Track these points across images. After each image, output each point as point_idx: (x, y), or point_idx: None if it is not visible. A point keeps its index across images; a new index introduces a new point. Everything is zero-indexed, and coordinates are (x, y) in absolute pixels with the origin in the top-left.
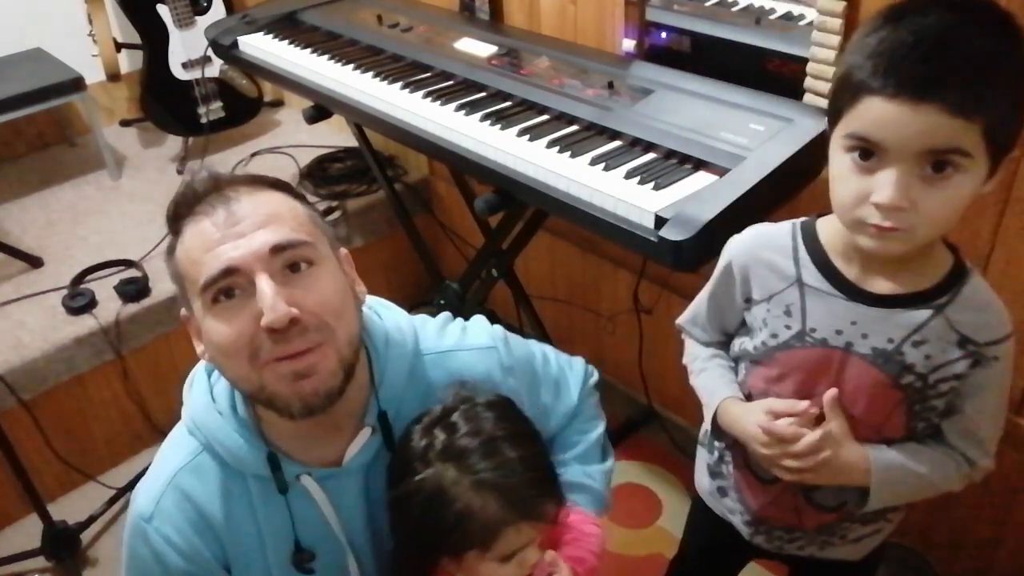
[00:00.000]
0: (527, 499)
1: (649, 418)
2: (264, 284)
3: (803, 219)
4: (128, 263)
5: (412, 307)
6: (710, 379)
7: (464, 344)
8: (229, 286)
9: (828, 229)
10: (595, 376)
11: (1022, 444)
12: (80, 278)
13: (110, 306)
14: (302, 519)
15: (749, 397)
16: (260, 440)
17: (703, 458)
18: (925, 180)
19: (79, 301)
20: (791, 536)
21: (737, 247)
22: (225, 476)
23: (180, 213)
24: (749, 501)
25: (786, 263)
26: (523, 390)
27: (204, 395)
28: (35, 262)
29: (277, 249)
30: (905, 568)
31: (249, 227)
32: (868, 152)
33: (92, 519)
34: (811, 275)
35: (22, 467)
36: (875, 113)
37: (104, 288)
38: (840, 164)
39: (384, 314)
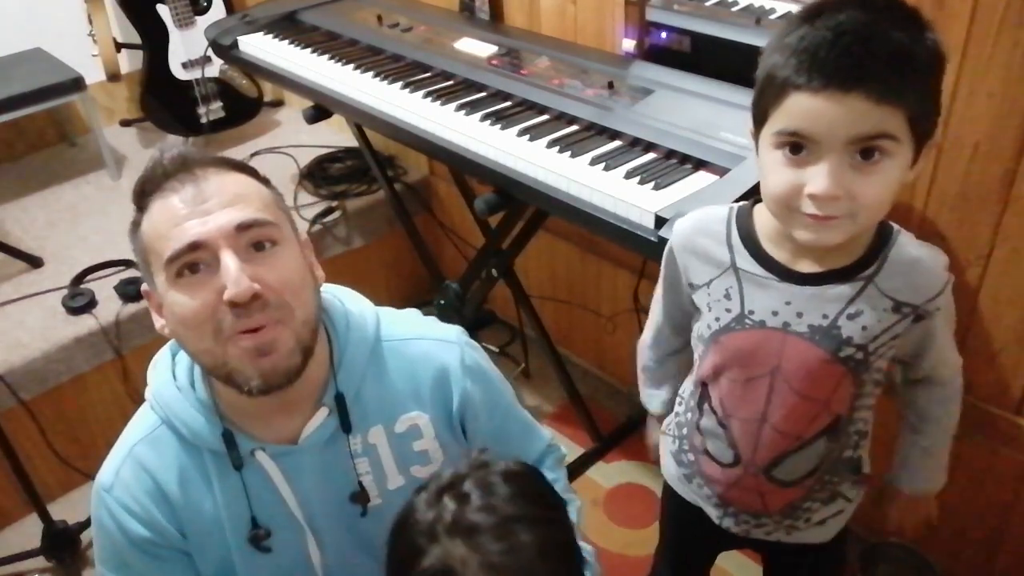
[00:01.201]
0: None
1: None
2: (228, 259)
3: (740, 204)
4: (128, 263)
5: (412, 307)
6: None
7: (426, 333)
8: (194, 261)
9: (763, 216)
10: (563, 451)
11: (1022, 444)
12: (80, 278)
13: (110, 306)
14: (258, 496)
15: (703, 385)
16: (216, 416)
17: (667, 446)
18: (856, 168)
19: (79, 301)
20: (758, 521)
21: (677, 234)
22: (182, 451)
23: (147, 189)
24: (714, 485)
25: (720, 249)
26: (479, 398)
27: (166, 372)
28: (35, 262)
29: (243, 227)
30: (905, 568)
31: (216, 205)
32: (798, 146)
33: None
34: (744, 260)
35: (22, 467)
36: (803, 108)
37: (104, 288)
38: (771, 160)
39: (346, 300)
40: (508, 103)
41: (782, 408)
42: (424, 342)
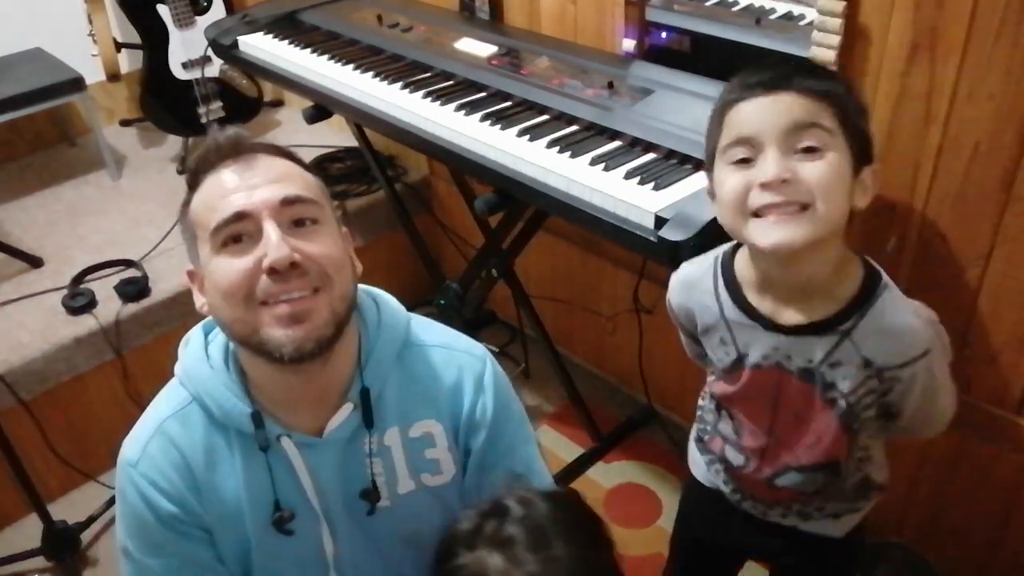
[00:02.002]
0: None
1: (649, 418)
2: (270, 229)
3: (723, 252)
4: (128, 263)
5: (412, 307)
6: None
7: (455, 344)
8: (238, 232)
9: (744, 264)
10: None
11: (1022, 444)
12: (80, 278)
13: (110, 306)
14: (280, 481)
15: (715, 399)
16: (248, 398)
17: (695, 432)
18: (799, 159)
19: (79, 301)
20: (772, 506)
21: (672, 292)
22: (210, 429)
23: (201, 167)
24: (732, 474)
25: (711, 302)
26: (488, 416)
27: (199, 350)
28: (35, 262)
29: (287, 202)
30: (905, 568)
31: (262, 181)
32: (746, 160)
33: (92, 519)
34: (731, 311)
35: (22, 467)
36: (742, 115)
37: (104, 288)
38: (723, 176)
39: (380, 300)
40: (508, 103)
41: (784, 432)
42: (452, 352)
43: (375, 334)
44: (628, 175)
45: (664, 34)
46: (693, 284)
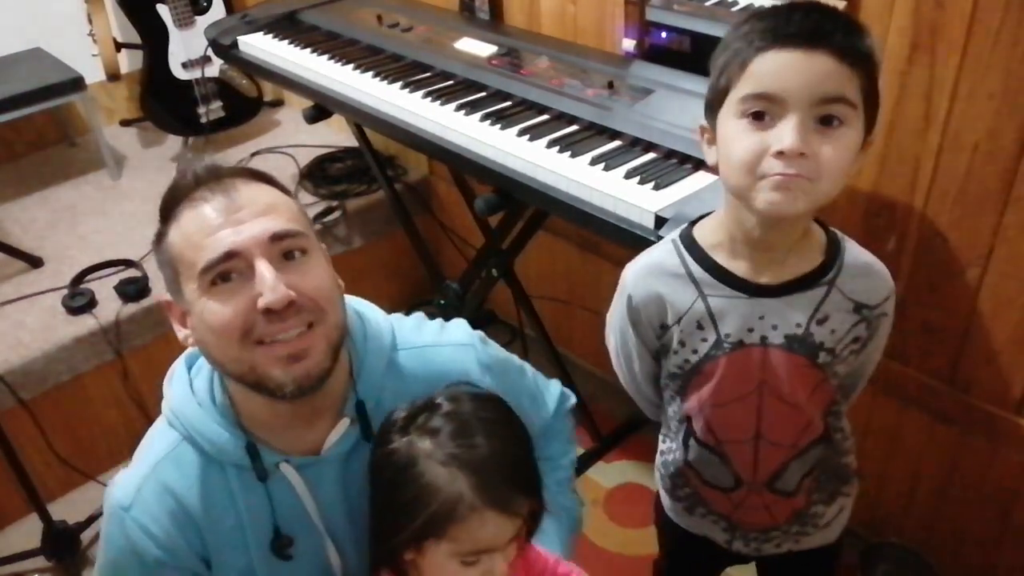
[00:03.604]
0: (498, 485)
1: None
2: (263, 268)
3: (679, 233)
4: (128, 263)
5: (412, 307)
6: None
7: (441, 340)
8: (228, 270)
9: (707, 234)
10: (572, 400)
11: (1022, 444)
12: (80, 278)
13: (110, 306)
14: (281, 506)
15: (687, 420)
16: (239, 430)
17: (661, 483)
18: (818, 132)
19: (79, 301)
20: (767, 536)
21: (634, 287)
22: (205, 465)
23: (177, 199)
24: (718, 511)
25: (683, 283)
26: (500, 389)
27: (184, 387)
28: (35, 262)
29: (276, 237)
30: (905, 568)
31: (249, 215)
32: (760, 114)
33: (92, 519)
34: (709, 286)
35: (22, 467)
36: (770, 65)
37: (104, 288)
38: (733, 130)
39: (362, 311)
40: (508, 103)
41: (775, 421)
42: (441, 349)
43: (363, 346)
44: (628, 175)
45: (664, 34)
46: (658, 269)
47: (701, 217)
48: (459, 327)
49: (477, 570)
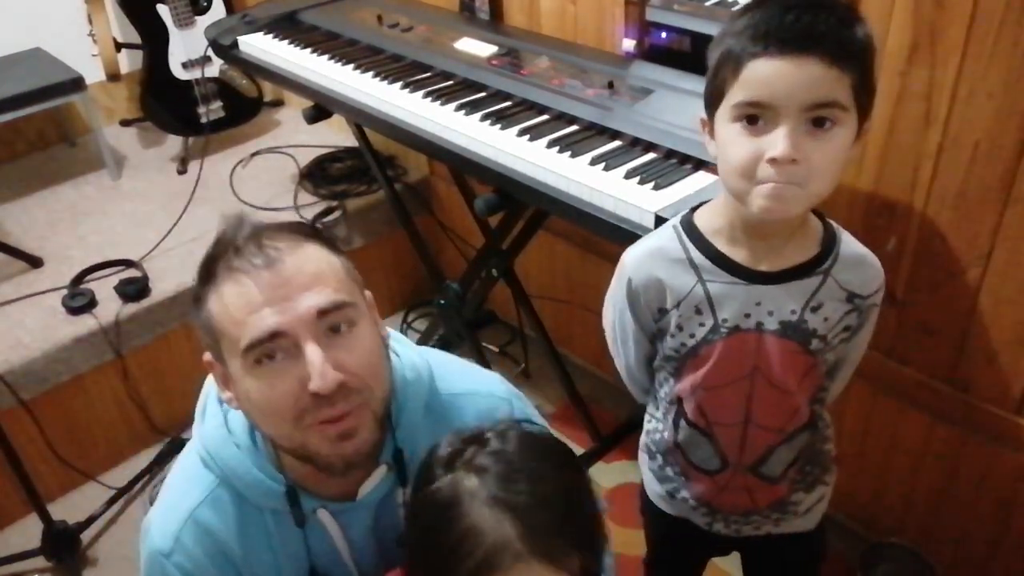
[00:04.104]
0: (548, 534)
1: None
2: (312, 351)
3: (680, 219)
4: (128, 263)
5: (412, 307)
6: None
7: (478, 389)
8: (273, 349)
9: (707, 220)
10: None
11: (1022, 444)
12: (80, 278)
13: (110, 306)
14: (316, 547)
15: (678, 401)
16: (279, 475)
17: (646, 464)
18: (810, 135)
19: (79, 301)
20: (747, 519)
21: (634, 270)
22: (242, 508)
23: (216, 264)
24: (701, 494)
25: (684, 268)
26: None
27: (220, 427)
28: (35, 262)
29: (323, 313)
30: (905, 568)
31: (295, 290)
32: (754, 118)
33: (92, 519)
34: (709, 271)
35: (22, 467)
36: (761, 74)
37: (104, 288)
38: (729, 134)
39: (401, 352)
40: (508, 103)
41: (764, 406)
42: (477, 399)
43: (402, 392)
44: (628, 175)
45: (664, 34)
46: (658, 253)
47: (701, 204)
48: (494, 377)
49: None
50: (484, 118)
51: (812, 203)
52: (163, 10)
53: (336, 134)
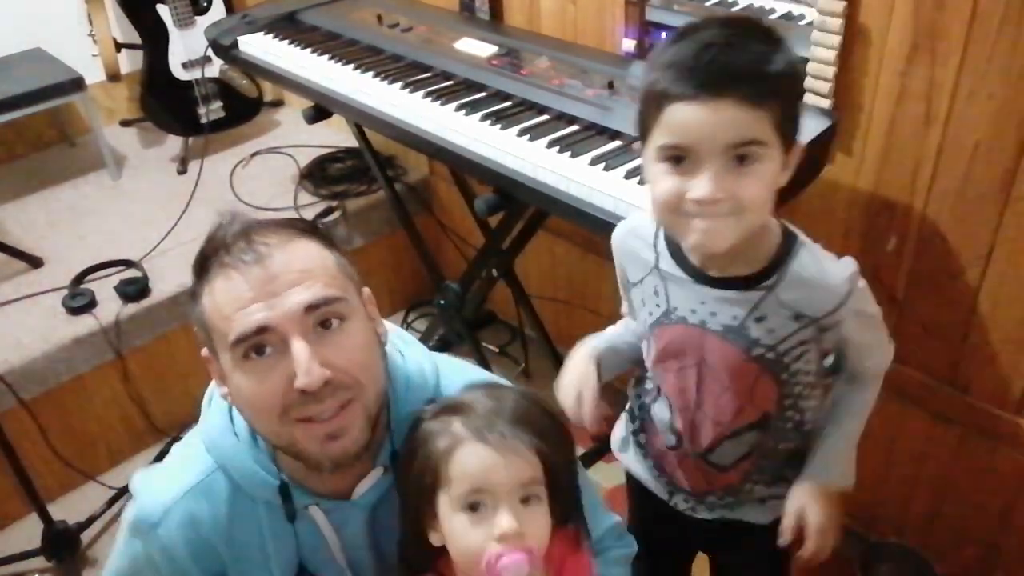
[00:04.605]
0: (494, 423)
1: None
2: (299, 347)
3: None
4: (128, 263)
5: (412, 307)
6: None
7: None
8: (261, 343)
9: None
10: (632, 546)
11: (1022, 444)
12: (80, 278)
13: (110, 306)
14: (306, 544)
15: (649, 372)
16: (274, 469)
17: (625, 426)
18: (733, 172)
19: (79, 301)
20: (702, 500)
21: (615, 237)
22: (235, 497)
23: (208, 260)
24: (664, 464)
25: (647, 251)
26: None
27: (223, 416)
28: (35, 262)
29: (311, 308)
30: (905, 568)
31: (282, 285)
32: (679, 158)
33: (92, 519)
34: (666, 261)
35: (22, 467)
36: (680, 118)
37: (104, 288)
38: (656, 171)
39: (407, 353)
40: (508, 103)
41: (710, 397)
42: None
43: (404, 394)
44: (628, 175)
45: (664, 34)
46: (635, 231)
47: None
48: (496, 380)
49: (484, 522)
50: (484, 118)
51: (747, 231)
52: (163, 10)
53: (336, 134)
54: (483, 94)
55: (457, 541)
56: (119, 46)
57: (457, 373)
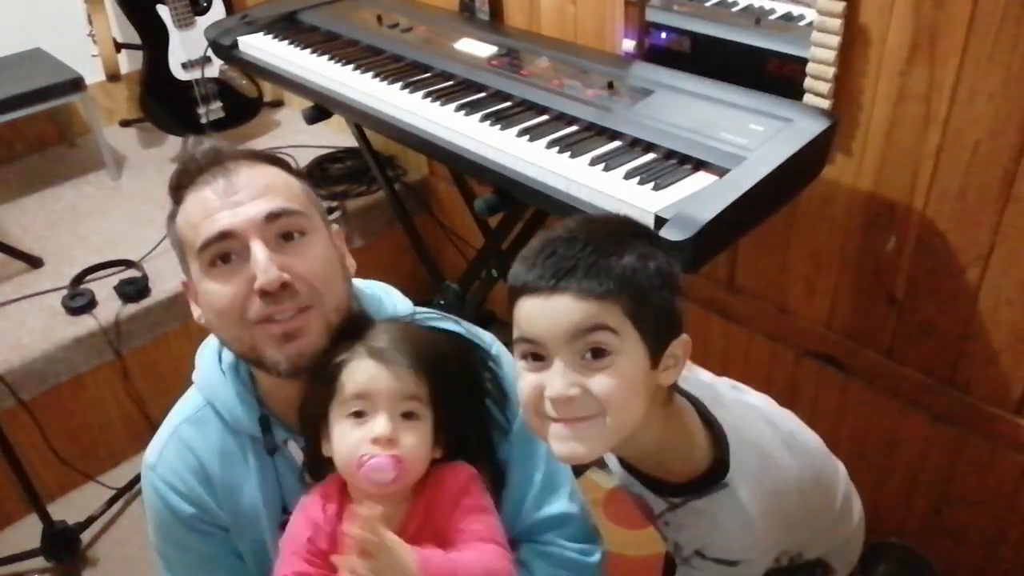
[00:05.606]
0: (382, 342)
1: None
2: (258, 249)
3: None
4: (128, 263)
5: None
6: None
7: (460, 331)
8: (225, 250)
9: None
10: (596, 554)
11: (1022, 444)
12: (80, 278)
13: (110, 306)
14: (288, 484)
15: None
16: (255, 402)
17: None
18: (587, 367)
19: (79, 301)
20: None
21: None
22: (225, 432)
23: (182, 182)
24: None
25: None
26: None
27: (213, 354)
28: (35, 262)
29: (272, 217)
30: (905, 568)
31: (246, 196)
32: (538, 355)
33: (92, 519)
34: None
35: (22, 467)
36: (524, 313)
37: (104, 288)
38: (518, 370)
39: (385, 298)
40: (508, 103)
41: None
42: (460, 339)
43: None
44: (628, 175)
45: (664, 34)
46: None
47: None
48: (486, 334)
49: (363, 428)
50: (484, 118)
51: (618, 437)
52: (163, 10)
53: (336, 134)
54: (483, 94)
55: (338, 445)
56: (119, 46)
57: (436, 318)
